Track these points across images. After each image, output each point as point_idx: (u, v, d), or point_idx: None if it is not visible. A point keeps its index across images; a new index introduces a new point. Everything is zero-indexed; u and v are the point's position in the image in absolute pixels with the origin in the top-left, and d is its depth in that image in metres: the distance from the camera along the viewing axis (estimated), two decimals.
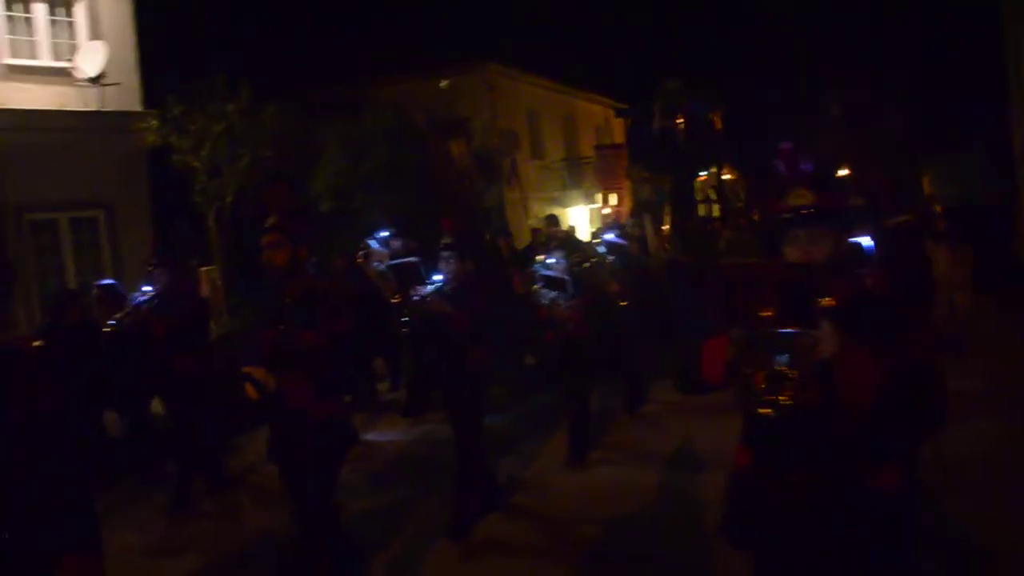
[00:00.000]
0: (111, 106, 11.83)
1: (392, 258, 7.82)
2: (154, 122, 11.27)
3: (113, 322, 6.16)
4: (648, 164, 24.01)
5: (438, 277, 5.63)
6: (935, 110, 24.59)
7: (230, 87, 11.16)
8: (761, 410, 2.29)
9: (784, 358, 2.25)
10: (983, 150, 22.27)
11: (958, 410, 2.43)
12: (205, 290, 10.85)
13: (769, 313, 2.22)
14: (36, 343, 2.44)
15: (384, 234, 8.64)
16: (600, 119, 28.27)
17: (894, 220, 8.89)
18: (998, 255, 12.55)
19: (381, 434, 8.14)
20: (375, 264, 8.15)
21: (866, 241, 2.78)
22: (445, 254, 5.61)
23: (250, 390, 3.88)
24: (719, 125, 24.13)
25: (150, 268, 6.37)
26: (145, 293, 6.25)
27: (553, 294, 6.76)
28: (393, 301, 7.08)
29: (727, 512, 2.81)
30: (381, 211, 11.50)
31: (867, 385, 2.25)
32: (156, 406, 7.02)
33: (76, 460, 2.32)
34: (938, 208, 14.26)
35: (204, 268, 11.02)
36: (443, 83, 17.39)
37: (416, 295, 5.64)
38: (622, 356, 8.39)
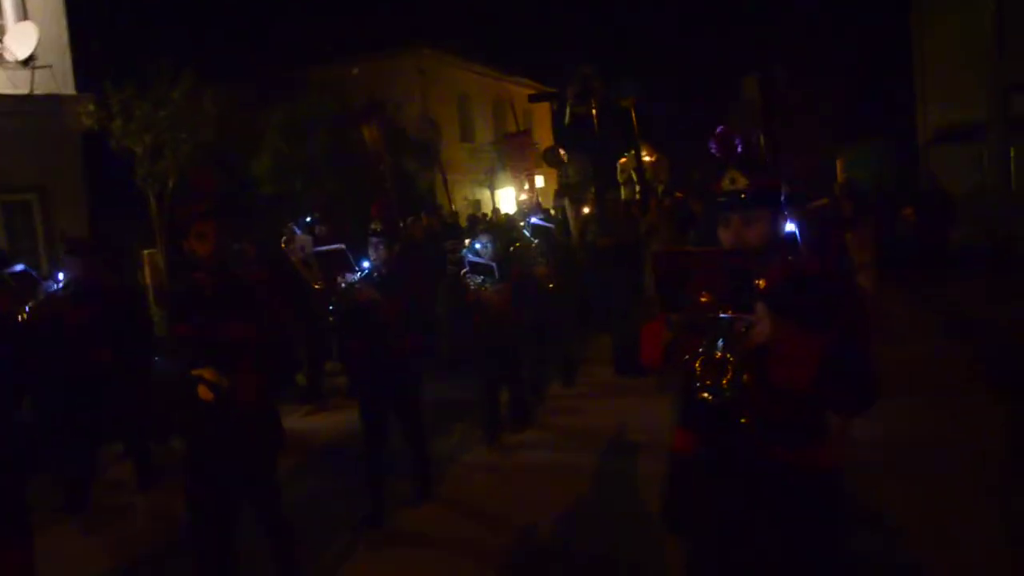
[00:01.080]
0: (42, 89, 11.63)
1: (316, 244, 7.65)
2: (91, 106, 11.15)
3: (27, 309, 5.87)
4: (567, 147, 24.53)
5: (366, 264, 5.53)
6: (848, 96, 25.75)
7: (172, 72, 11.13)
8: (701, 395, 2.28)
9: (721, 343, 2.26)
10: (892, 136, 23.47)
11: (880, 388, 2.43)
12: (148, 273, 10.85)
13: (706, 298, 2.20)
14: None
15: (307, 220, 8.44)
16: (527, 102, 28.71)
17: (812, 204, 9.37)
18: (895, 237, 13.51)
19: (297, 423, 7.91)
20: (298, 249, 7.94)
21: (790, 227, 2.71)
22: (374, 240, 5.51)
23: (204, 392, 3.64)
24: (625, 104, 24.72)
25: (64, 255, 6.17)
26: (59, 281, 6.07)
27: (480, 279, 6.80)
28: (315, 287, 6.90)
29: (666, 496, 2.81)
30: (320, 195, 11.67)
31: (803, 366, 2.26)
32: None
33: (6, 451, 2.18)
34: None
35: (147, 251, 11.01)
36: (354, 70, 17.46)
37: (344, 283, 5.45)
38: (550, 339, 8.56)
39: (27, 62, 11.34)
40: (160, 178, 11.48)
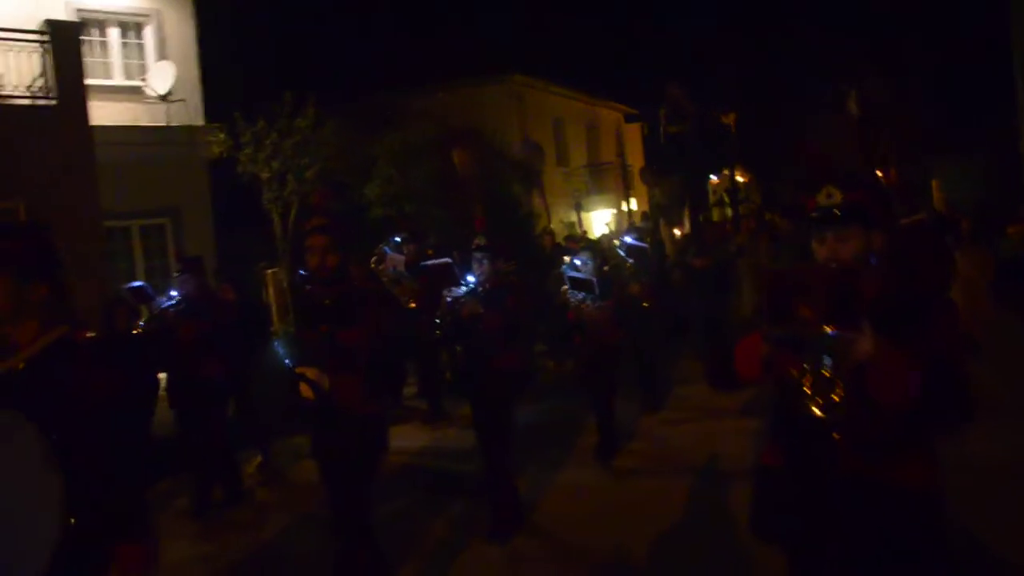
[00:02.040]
0: (177, 121, 12.78)
1: (408, 262, 7.92)
2: (220, 135, 12.18)
3: (142, 324, 6.19)
4: (660, 168, 24.79)
5: (471, 278, 5.52)
6: (944, 112, 25.20)
7: (296, 103, 12.10)
8: (813, 410, 2.28)
9: (829, 360, 2.26)
10: (990, 153, 22.81)
11: (979, 414, 2.39)
12: (271, 292, 11.71)
13: (810, 314, 2.20)
14: (90, 335, 2.51)
15: (397, 239, 8.55)
16: (619, 125, 29.18)
17: (908, 219, 9.56)
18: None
19: (401, 441, 7.74)
20: (390, 269, 8.03)
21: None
22: (478, 255, 5.48)
23: (305, 390, 3.81)
24: (731, 126, 24.13)
25: (176, 274, 6.34)
26: (172, 298, 6.28)
27: (581, 295, 6.72)
28: (410, 306, 7.01)
29: (755, 507, 2.77)
30: (431, 217, 12.38)
31: (903, 383, 2.24)
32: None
33: (134, 452, 2.40)
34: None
35: (271, 270, 11.89)
36: (439, 94, 18.19)
37: (449, 297, 5.48)
38: (645, 358, 8.49)
39: (165, 97, 12.50)
40: (284, 201, 12.42)
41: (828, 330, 2.20)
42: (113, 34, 12.64)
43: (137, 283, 6.80)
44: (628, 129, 29.50)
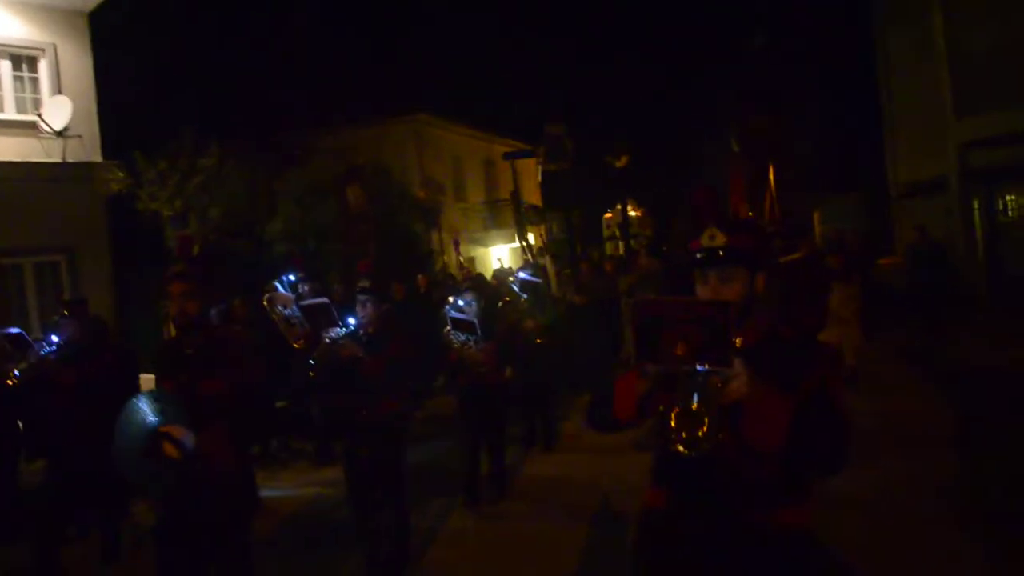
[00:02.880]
0: (72, 157, 12.49)
1: (298, 302, 7.83)
2: (119, 173, 12.01)
3: (17, 373, 5.88)
4: (556, 203, 25.42)
5: (352, 321, 5.42)
6: (827, 147, 26.80)
7: (197, 140, 12.09)
8: (677, 447, 2.24)
9: (697, 396, 2.21)
10: (864, 188, 24.49)
11: (859, 446, 2.48)
12: (172, 329, 11.54)
13: (682, 350, 2.18)
14: None
15: (291, 277, 8.33)
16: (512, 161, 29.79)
17: (789, 257, 9.57)
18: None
19: (282, 489, 7.84)
20: (279, 308, 7.83)
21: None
22: (362, 297, 5.45)
23: (169, 449, 3.55)
24: (620, 164, 24.64)
25: (58, 317, 6.12)
26: (52, 343, 6.01)
27: (463, 337, 6.65)
28: (296, 346, 6.84)
29: (637, 551, 2.76)
30: (335, 254, 12.50)
31: (776, 425, 2.27)
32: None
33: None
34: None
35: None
36: (327, 137, 18.08)
37: (328, 338, 5.28)
38: (538, 394, 8.45)
39: (61, 133, 12.22)
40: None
41: (699, 366, 2.19)
42: (4, 67, 12.30)
43: (13, 329, 6.41)
44: (525, 167, 30.23)
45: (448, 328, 6.76)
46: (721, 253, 2.51)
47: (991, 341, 12.84)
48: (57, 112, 12.26)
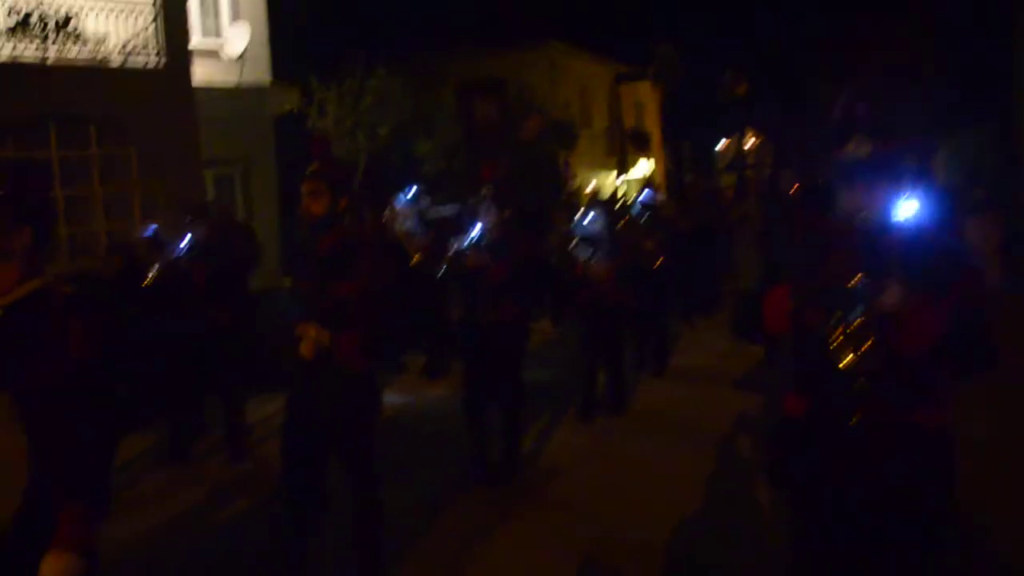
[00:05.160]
0: (247, 79, 13.81)
1: (421, 216, 8.02)
2: (294, 94, 13.26)
3: (152, 273, 6.04)
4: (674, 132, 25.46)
5: (475, 229, 5.40)
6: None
7: (365, 63, 13.22)
8: (847, 361, 2.33)
9: (858, 310, 2.30)
10: (990, 131, 23.50)
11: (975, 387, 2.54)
12: None
13: (840, 267, 2.28)
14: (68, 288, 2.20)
15: (411, 192, 8.37)
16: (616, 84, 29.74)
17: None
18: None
19: (397, 397, 7.71)
20: (401, 221, 7.92)
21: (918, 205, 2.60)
22: (484, 204, 5.45)
23: (305, 348, 3.66)
24: (739, 91, 24.42)
25: (188, 220, 6.23)
26: (180, 247, 6.12)
27: (589, 251, 6.71)
28: (415, 258, 6.93)
29: (773, 455, 2.87)
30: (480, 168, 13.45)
31: (928, 332, 2.33)
32: None
33: (103, 412, 2.19)
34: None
35: None
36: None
37: (454, 249, 5.36)
38: (653, 317, 8.35)
39: (240, 57, 13.50)
40: (354, 157, 13.59)
41: (857, 282, 2.31)
42: None
43: (150, 229, 6.62)
44: (648, 95, 30.26)
45: (575, 243, 6.85)
46: (867, 162, 2.63)
47: None
48: (237, 39, 13.50)
